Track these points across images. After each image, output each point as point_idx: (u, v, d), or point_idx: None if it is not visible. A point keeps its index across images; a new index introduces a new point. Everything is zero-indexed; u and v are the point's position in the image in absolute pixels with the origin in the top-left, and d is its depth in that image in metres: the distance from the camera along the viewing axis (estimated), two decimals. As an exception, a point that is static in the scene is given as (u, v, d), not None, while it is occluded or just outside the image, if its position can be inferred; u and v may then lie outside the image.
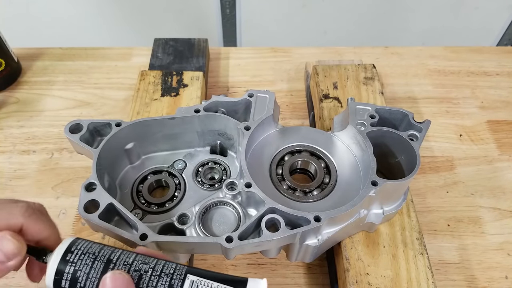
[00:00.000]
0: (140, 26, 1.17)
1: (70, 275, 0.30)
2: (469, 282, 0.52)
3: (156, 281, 0.30)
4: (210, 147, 0.55)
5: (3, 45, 0.69)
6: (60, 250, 0.31)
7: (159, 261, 0.31)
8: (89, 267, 0.30)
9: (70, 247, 0.31)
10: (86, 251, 0.31)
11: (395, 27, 1.19)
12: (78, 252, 0.31)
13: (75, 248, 0.31)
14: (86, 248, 0.31)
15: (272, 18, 1.15)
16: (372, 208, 0.47)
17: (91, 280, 0.30)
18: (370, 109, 0.51)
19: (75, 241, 0.32)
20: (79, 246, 0.31)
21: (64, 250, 0.31)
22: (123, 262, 0.31)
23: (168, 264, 0.31)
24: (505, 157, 0.64)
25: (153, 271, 0.30)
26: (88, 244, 0.31)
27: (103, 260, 0.30)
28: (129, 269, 0.30)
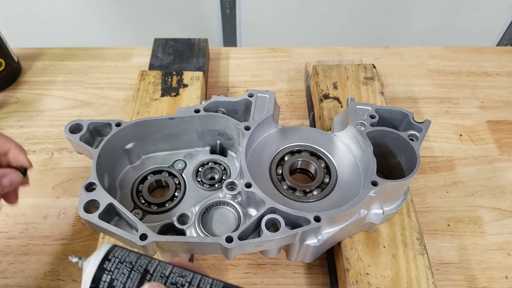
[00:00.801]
0: (140, 26, 1.17)
1: (107, 284, 0.29)
2: (469, 282, 0.52)
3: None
4: (210, 147, 0.55)
5: (3, 45, 0.69)
6: (97, 258, 0.30)
7: (196, 275, 0.30)
8: (126, 276, 0.29)
9: (107, 254, 0.30)
10: (124, 260, 0.30)
11: (395, 27, 1.19)
12: (115, 260, 0.30)
13: (112, 256, 0.30)
14: (123, 257, 0.30)
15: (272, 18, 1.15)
16: (372, 208, 0.47)
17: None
18: (370, 109, 0.51)
19: (112, 248, 0.31)
20: (116, 254, 0.30)
21: (102, 257, 0.30)
22: (160, 274, 0.30)
23: (204, 278, 0.30)
24: (505, 157, 0.64)
25: (189, 285, 0.29)
26: (125, 253, 0.31)
27: (140, 270, 0.30)
28: (166, 282, 0.30)
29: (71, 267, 0.52)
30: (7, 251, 0.54)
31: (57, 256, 0.53)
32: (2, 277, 0.52)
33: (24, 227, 0.56)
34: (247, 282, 0.52)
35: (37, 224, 0.56)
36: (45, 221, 0.57)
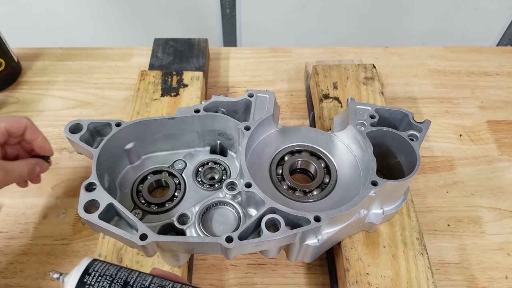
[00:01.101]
0: (140, 26, 1.17)
1: None
2: (469, 282, 0.52)
3: None
4: (210, 147, 0.55)
5: (3, 45, 0.69)
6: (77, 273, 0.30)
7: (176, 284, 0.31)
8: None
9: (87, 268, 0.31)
10: (104, 273, 0.30)
11: (395, 27, 1.18)
12: (95, 274, 0.30)
13: (93, 270, 0.31)
14: (103, 270, 0.31)
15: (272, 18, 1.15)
16: (372, 208, 0.47)
17: None
18: (370, 109, 0.51)
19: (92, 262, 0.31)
20: (97, 268, 0.31)
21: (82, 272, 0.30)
22: (139, 285, 0.30)
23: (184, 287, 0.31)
24: (505, 157, 0.64)
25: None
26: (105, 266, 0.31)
27: (120, 282, 0.30)
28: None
29: (71, 267, 0.52)
30: (7, 251, 0.54)
31: (57, 256, 0.53)
32: (2, 277, 0.52)
33: (24, 227, 0.56)
34: (247, 282, 0.52)
35: (37, 224, 0.56)
36: (45, 221, 0.57)
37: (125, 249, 0.48)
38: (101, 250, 0.48)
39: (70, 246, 0.54)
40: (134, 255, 0.47)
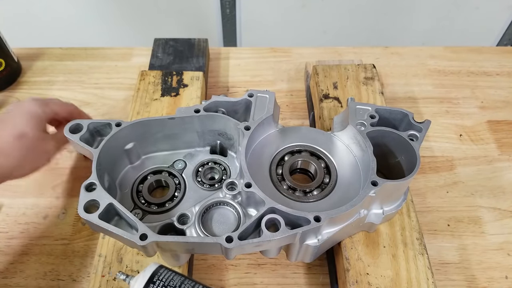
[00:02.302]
0: (140, 26, 1.17)
1: None
2: (469, 282, 0.52)
3: None
4: (210, 147, 0.55)
5: (3, 45, 0.69)
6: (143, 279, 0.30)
7: None
8: None
9: (152, 276, 0.30)
10: (168, 284, 0.30)
11: (395, 27, 1.19)
12: (160, 283, 0.30)
13: (157, 279, 0.30)
14: (167, 281, 0.30)
15: (272, 18, 1.15)
16: (372, 208, 0.47)
17: None
18: (370, 109, 0.51)
19: (157, 270, 0.31)
20: (161, 277, 0.30)
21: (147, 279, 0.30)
22: None
23: None
24: (505, 157, 0.64)
25: None
26: (170, 276, 0.30)
27: None
28: None
29: (71, 267, 0.52)
30: (7, 251, 0.54)
31: (57, 256, 0.53)
32: (2, 277, 0.52)
33: (24, 227, 0.56)
34: (247, 282, 0.52)
35: (37, 224, 0.56)
36: (45, 221, 0.57)
37: (125, 249, 0.48)
38: (101, 250, 0.48)
39: (70, 246, 0.54)
40: (134, 255, 0.47)
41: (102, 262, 0.47)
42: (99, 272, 0.46)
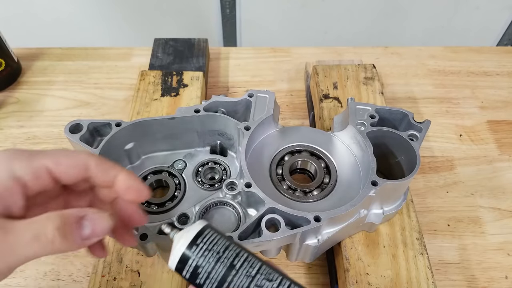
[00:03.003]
0: (140, 26, 1.17)
1: (192, 269, 0.29)
2: (469, 282, 0.52)
3: None
4: (210, 147, 0.55)
5: (3, 45, 0.69)
6: (187, 239, 0.29)
7: (284, 281, 0.28)
8: (211, 267, 0.28)
9: (197, 237, 0.29)
10: (211, 248, 0.29)
11: (395, 27, 1.18)
12: (203, 246, 0.29)
13: (201, 240, 0.29)
14: (212, 244, 0.29)
15: (272, 18, 1.15)
16: (372, 208, 0.47)
17: (210, 281, 0.28)
18: (370, 109, 0.51)
19: (204, 230, 0.30)
20: (205, 239, 0.29)
21: (191, 239, 0.29)
22: (245, 272, 0.28)
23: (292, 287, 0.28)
24: (505, 157, 0.64)
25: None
26: (214, 238, 0.29)
27: (226, 263, 0.28)
28: (250, 283, 0.28)
29: (71, 267, 0.52)
30: (7, 251, 0.54)
31: (57, 256, 0.53)
32: (2, 277, 0.52)
33: (24, 227, 0.56)
34: (247, 282, 0.52)
35: (37, 224, 0.56)
36: (45, 221, 0.57)
37: (125, 249, 0.48)
38: (101, 250, 0.48)
39: (70, 246, 0.54)
40: (134, 255, 0.47)
41: (102, 262, 0.47)
42: (99, 272, 0.46)
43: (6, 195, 0.27)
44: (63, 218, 0.27)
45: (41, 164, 0.29)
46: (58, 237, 0.26)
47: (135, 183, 0.31)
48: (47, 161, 0.29)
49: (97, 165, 0.31)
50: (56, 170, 0.29)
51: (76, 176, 0.30)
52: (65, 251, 0.27)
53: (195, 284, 0.29)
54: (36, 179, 0.29)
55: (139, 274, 0.46)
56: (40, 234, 0.26)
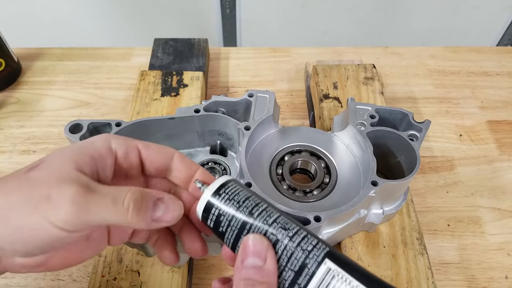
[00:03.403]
0: (140, 26, 1.17)
1: (215, 217, 0.30)
2: (469, 282, 0.52)
3: (290, 254, 0.27)
4: (210, 147, 0.55)
5: (3, 45, 0.69)
6: (210, 190, 0.31)
7: (300, 231, 0.28)
8: (232, 215, 0.30)
9: (219, 189, 0.31)
10: (232, 198, 0.30)
11: (395, 27, 1.19)
12: (225, 196, 0.30)
13: (224, 191, 0.31)
14: (233, 194, 0.30)
15: (272, 18, 1.15)
16: (372, 208, 0.47)
17: (231, 228, 0.30)
18: (370, 109, 0.51)
19: (226, 183, 0.31)
20: (228, 189, 0.31)
21: (214, 190, 0.31)
22: (263, 220, 0.29)
23: (308, 238, 0.28)
24: (505, 157, 0.64)
25: (290, 241, 0.28)
26: (236, 189, 0.31)
27: (245, 212, 0.29)
28: (267, 231, 0.29)
29: (71, 267, 0.52)
30: (7, 251, 0.54)
31: (57, 256, 0.53)
32: (2, 277, 0.52)
33: (24, 227, 0.56)
34: (247, 282, 0.52)
35: (37, 224, 0.56)
36: (45, 221, 0.57)
37: (125, 249, 0.48)
38: (101, 250, 0.48)
39: (70, 246, 0.54)
40: (134, 255, 0.47)
41: (102, 262, 0.47)
42: (99, 272, 0.46)
43: (99, 160, 0.30)
44: (143, 194, 0.29)
45: (134, 144, 0.32)
46: (132, 208, 0.27)
47: (211, 177, 0.34)
48: (139, 143, 0.33)
49: (180, 157, 0.34)
50: (144, 153, 0.33)
51: (160, 162, 0.33)
52: (134, 226, 0.28)
53: (218, 233, 0.30)
54: (126, 156, 0.32)
55: (139, 274, 0.46)
56: (118, 199, 0.27)
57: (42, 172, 0.28)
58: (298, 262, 0.27)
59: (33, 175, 0.28)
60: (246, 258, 0.28)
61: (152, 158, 0.33)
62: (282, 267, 0.28)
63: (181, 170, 0.34)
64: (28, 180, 0.28)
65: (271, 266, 0.27)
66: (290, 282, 0.27)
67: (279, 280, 0.28)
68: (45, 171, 0.28)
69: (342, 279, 0.26)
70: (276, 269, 0.27)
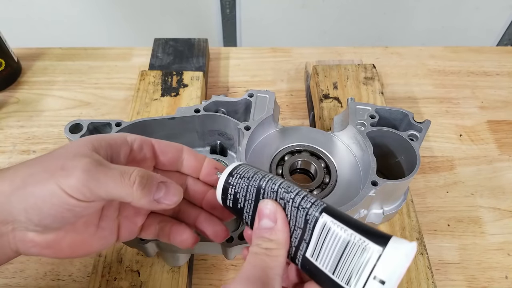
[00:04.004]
0: (140, 26, 1.17)
1: (232, 196, 0.34)
2: (469, 282, 0.52)
3: (295, 214, 0.30)
4: (210, 147, 0.55)
5: (3, 45, 0.69)
6: (224, 174, 0.34)
7: (300, 192, 0.31)
8: (245, 190, 0.33)
9: (232, 171, 0.34)
10: (243, 176, 0.34)
11: (395, 27, 1.19)
12: (237, 176, 0.34)
13: (236, 172, 0.34)
14: (243, 173, 0.34)
15: (272, 18, 1.15)
16: (372, 208, 0.47)
17: (248, 203, 0.33)
18: (370, 109, 0.51)
19: (237, 166, 0.35)
20: (239, 170, 0.34)
21: (228, 173, 0.34)
22: (270, 189, 0.32)
23: (307, 197, 0.31)
24: (505, 157, 0.64)
25: (292, 202, 0.31)
26: (245, 169, 0.34)
27: (255, 185, 0.33)
28: (276, 197, 0.32)
29: (71, 267, 0.52)
30: (7, 251, 0.54)
31: (57, 256, 0.53)
32: (2, 277, 0.52)
33: (24, 227, 0.56)
34: (247, 282, 0.52)
35: (37, 224, 0.56)
36: (45, 221, 0.57)
37: (125, 249, 0.48)
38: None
39: (70, 246, 0.54)
40: (134, 255, 0.47)
41: (102, 262, 0.47)
42: (99, 272, 0.46)
43: (115, 147, 0.34)
44: (149, 174, 0.32)
45: (148, 139, 0.36)
46: (138, 183, 0.30)
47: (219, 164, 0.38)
48: (152, 139, 0.37)
49: (189, 150, 0.38)
50: (157, 146, 0.37)
51: (173, 154, 0.37)
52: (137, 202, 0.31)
53: (238, 210, 0.34)
54: (140, 148, 0.36)
55: (139, 274, 0.46)
56: (125, 174, 0.30)
57: (62, 149, 0.32)
58: (302, 220, 0.30)
59: (54, 153, 0.32)
60: (260, 220, 0.31)
61: (165, 150, 0.37)
62: (293, 227, 0.31)
63: (190, 160, 0.38)
64: (48, 155, 0.32)
65: (281, 226, 0.30)
66: (299, 239, 0.30)
67: (292, 239, 0.31)
68: (64, 149, 0.32)
69: (338, 228, 0.28)
70: (284, 228, 0.30)
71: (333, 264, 0.28)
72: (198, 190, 0.38)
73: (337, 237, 0.28)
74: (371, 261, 0.26)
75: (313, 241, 0.29)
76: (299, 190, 0.31)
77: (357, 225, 0.28)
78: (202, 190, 0.38)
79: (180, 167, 0.38)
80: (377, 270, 0.25)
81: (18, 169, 0.31)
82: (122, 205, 0.35)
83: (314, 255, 0.29)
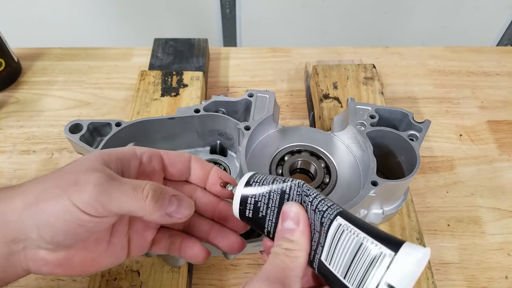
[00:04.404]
0: (140, 26, 1.17)
1: (252, 205, 0.33)
2: (469, 282, 0.52)
3: (313, 216, 0.31)
4: (210, 147, 0.55)
5: (3, 45, 0.69)
6: (241, 184, 0.34)
7: (318, 196, 0.32)
8: (267, 198, 0.33)
9: (249, 180, 0.34)
10: (263, 183, 0.33)
11: (395, 27, 1.19)
12: (255, 184, 0.33)
13: (253, 181, 0.34)
14: (262, 180, 0.34)
15: (272, 18, 1.15)
16: (372, 208, 0.47)
17: (271, 209, 0.33)
18: (370, 109, 0.51)
19: (253, 175, 0.34)
20: (256, 179, 0.34)
21: (244, 184, 0.34)
22: (296, 193, 0.32)
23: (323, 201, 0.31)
24: (505, 157, 0.64)
25: (311, 205, 0.31)
26: (263, 177, 0.34)
27: (278, 191, 0.33)
28: (300, 200, 0.32)
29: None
30: (7, 251, 0.54)
31: (57, 256, 0.53)
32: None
33: (24, 227, 0.56)
34: (247, 282, 0.52)
35: (37, 224, 0.56)
36: (45, 221, 0.57)
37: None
38: (101, 250, 0.48)
39: (70, 246, 0.54)
40: (134, 255, 0.47)
41: (102, 262, 0.47)
42: (99, 272, 0.46)
43: (125, 161, 0.33)
44: (161, 188, 0.32)
45: (156, 151, 0.36)
46: (151, 197, 0.30)
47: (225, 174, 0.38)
48: (160, 151, 0.36)
49: (196, 158, 0.37)
50: (166, 157, 0.36)
51: (182, 164, 0.37)
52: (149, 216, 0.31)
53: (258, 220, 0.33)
54: (150, 161, 0.35)
55: (139, 274, 0.46)
56: (138, 188, 0.30)
57: (73, 164, 0.32)
58: (318, 222, 0.30)
59: (66, 168, 0.32)
60: (284, 221, 0.31)
61: (173, 161, 0.36)
62: (313, 230, 0.31)
63: (197, 169, 0.37)
64: (60, 170, 0.31)
65: (302, 228, 0.31)
66: (317, 242, 0.30)
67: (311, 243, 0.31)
68: (75, 164, 0.32)
69: (351, 232, 0.28)
70: (305, 230, 0.31)
71: (344, 267, 0.28)
72: (208, 202, 0.38)
73: (350, 241, 0.28)
74: (383, 266, 0.25)
75: (327, 244, 0.29)
76: (317, 193, 0.32)
77: (371, 230, 0.28)
78: (211, 202, 0.38)
79: (188, 176, 0.38)
80: (388, 276, 0.25)
81: (31, 185, 0.31)
82: (132, 220, 0.35)
83: (328, 258, 0.29)
